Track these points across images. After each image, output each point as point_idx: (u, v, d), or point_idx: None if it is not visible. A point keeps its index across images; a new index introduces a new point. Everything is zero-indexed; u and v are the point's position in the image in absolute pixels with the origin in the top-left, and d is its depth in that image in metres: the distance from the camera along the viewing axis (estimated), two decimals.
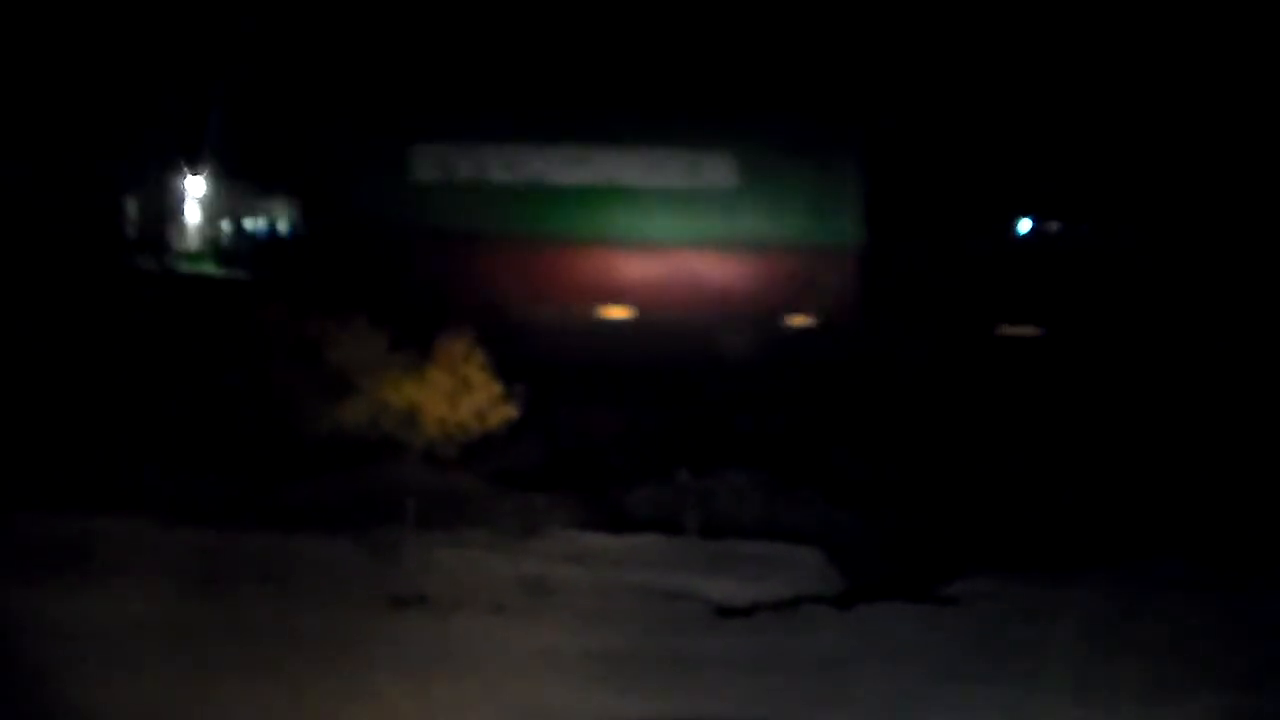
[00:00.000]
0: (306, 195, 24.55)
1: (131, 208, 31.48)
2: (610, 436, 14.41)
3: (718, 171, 22.98)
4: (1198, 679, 8.49)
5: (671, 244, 22.56)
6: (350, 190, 23.07)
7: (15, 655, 8.29)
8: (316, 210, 24.02)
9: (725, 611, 9.88)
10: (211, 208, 34.97)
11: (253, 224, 36.85)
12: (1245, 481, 12.87)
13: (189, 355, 14.70)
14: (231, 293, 23.39)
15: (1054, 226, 25.41)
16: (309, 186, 24.11)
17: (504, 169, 23.25)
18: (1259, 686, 8.45)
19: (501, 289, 21.58)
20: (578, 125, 22.98)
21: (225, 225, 35.87)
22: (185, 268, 29.89)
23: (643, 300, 22.37)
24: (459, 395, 13.23)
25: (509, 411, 13.32)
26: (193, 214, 34.61)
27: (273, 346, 13.87)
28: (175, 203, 33.95)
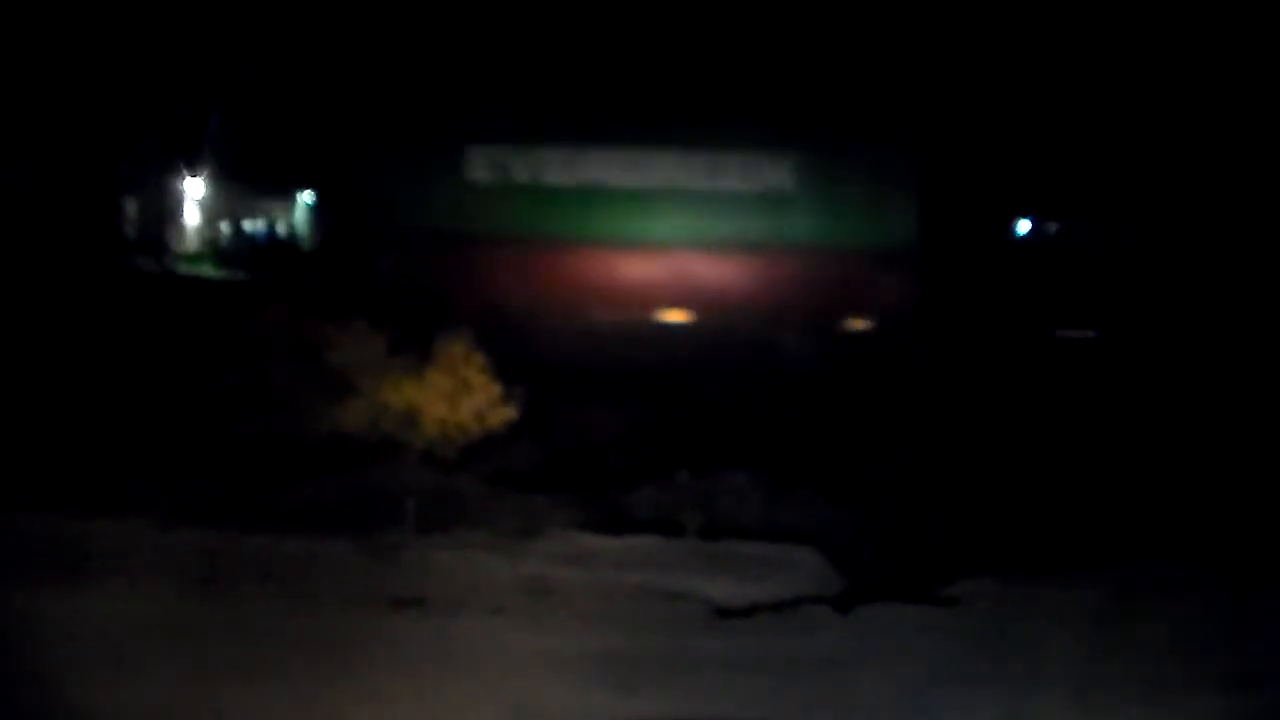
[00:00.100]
0: (346, 197, 24.23)
1: (131, 209, 31.48)
2: (610, 437, 14.39)
3: (775, 175, 22.88)
4: (1197, 679, 8.51)
5: (729, 247, 22.31)
6: (400, 192, 22.78)
7: (16, 656, 8.29)
8: (357, 213, 23.65)
9: (724, 612, 9.89)
10: (211, 209, 34.99)
11: (252, 226, 36.90)
12: (1243, 483, 12.87)
13: (188, 357, 14.71)
14: (231, 294, 23.39)
15: (1053, 227, 25.36)
16: (349, 189, 23.79)
17: (560, 171, 23.12)
18: (1258, 686, 8.47)
19: (555, 293, 21.41)
20: (635, 128, 22.76)
21: (224, 227, 35.91)
22: (184, 269, 29.89)
23: (700, 304, 22.07)
24: (459, 396, 13.21)
25: (508, 413, 13.30)
26: (192, 215, 34.62)
27: (272, 348, 13.87)
28: (174, 204, 33.95)
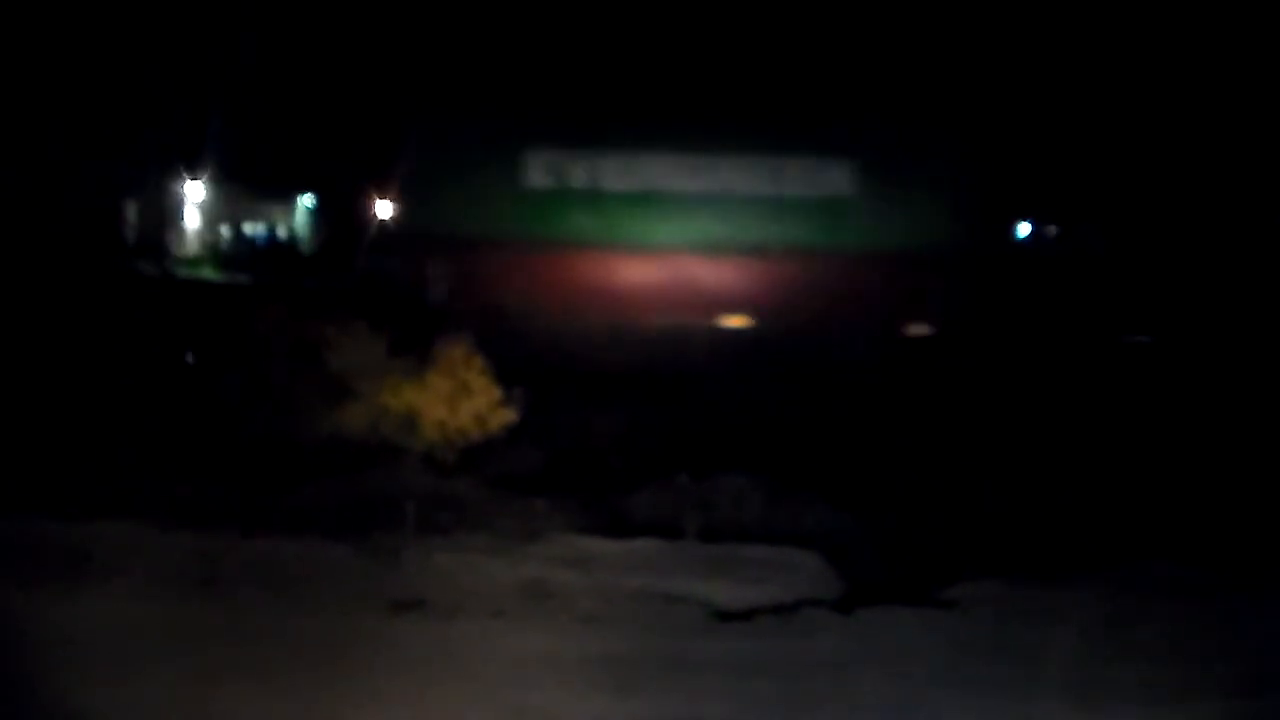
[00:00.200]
0: (397, 201, 24.03)
1: (131, 212, 31.53)
2: (610, 440, 14.38)
3: (836, 179, 22.80)
4: (1197, 682, 8.51)
5: (789, 252, 22.14)
6: (457, 197, 22.67)
7: (16, 659, 8.29)
8: (408, 216, 23.55)
9: (725, 615, 9.88)
10: (211, 212, 35.03)
11: (252, 229, 36.95)
12: (1243, 485, 12.87)
13: (188, 360, 14.72)
14: (231, 297, 23.41)
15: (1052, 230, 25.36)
16: (401, 193, 23.65)
17: (618, 177, 23.01)
18: (1258, 690, 8.47)
19: (613, 298, 21.32)
20: (694, 133, 22.61)
21: (224, 230, 35.97)
22: (184, 272, 29.93)
23: (760, 309, 21.99)
24: (459, 399, 13.19)
25: (508, 416, 13.29)
26: (192, 219, 34.66)
27: (272, 351, 13.87)
28: (174, 207, 33.99)
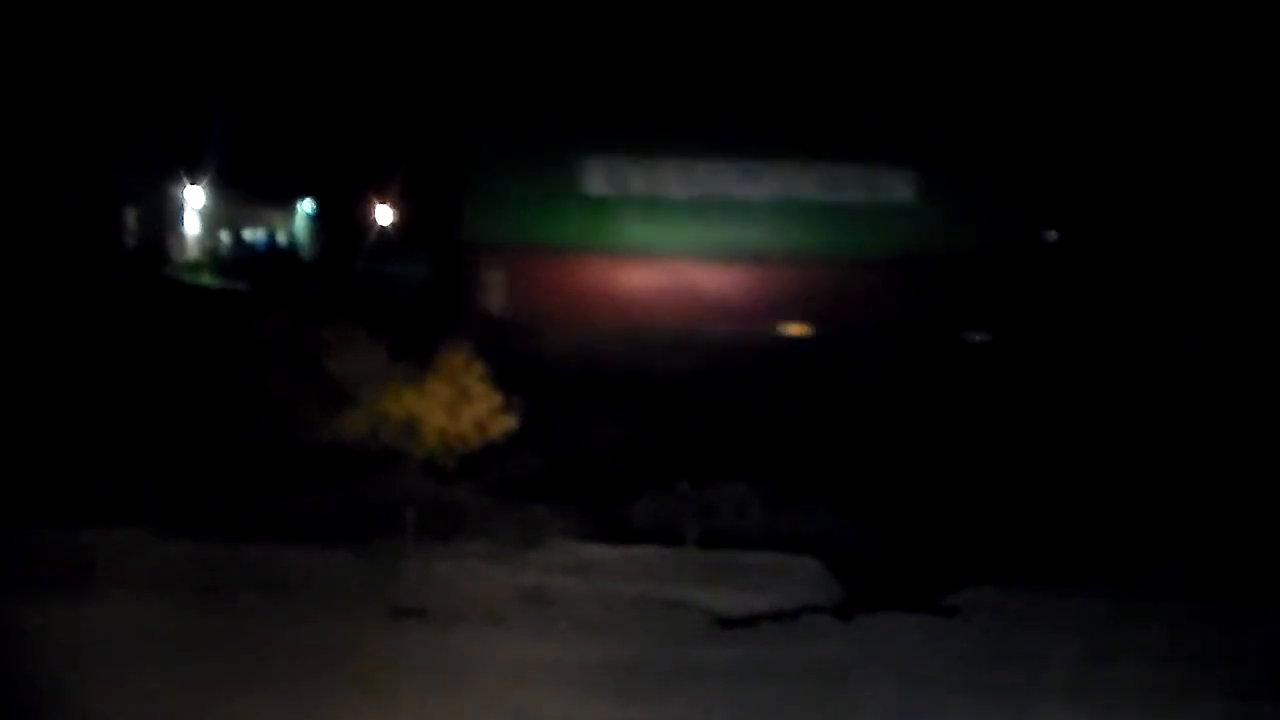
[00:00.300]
0: (449, 208, 23.90)
1: (131, 218, 31.51)
2: (610, 446, 14.38)
3: (897, 186, 22.81)
4: (1198, 686, 8.50)
5: (850, 259, 22.08)
6: (516, 204, 22.61)
7: (16, 666, 8.28)
8: (461, 223, 23.41)
9: (725, 621, 9.89)
10: (211, 218, 35.01)
11: (252, 234, 36.94)
12: (1243, 490, 12.87)
13: (188, 366, 14.71)
14: (231, 303, 23.39)
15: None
16: (454, 199, 23.53)
17: (678, 183, 22.94)
18: (1259, 694, 8.46)
19: (670, 305, 21.30)
20: (756, 139, 22.60)
21: (224, 236, 35.95)
22: (184, 278, 29.91)
23: (821, 317, 21.91)
24: (459, 406, 13.19)
25: (509, 422, 13.29)
26: (192, 224, 34.63)
27: (272, 357, 13.87)
28: (174, 213, 33.97)
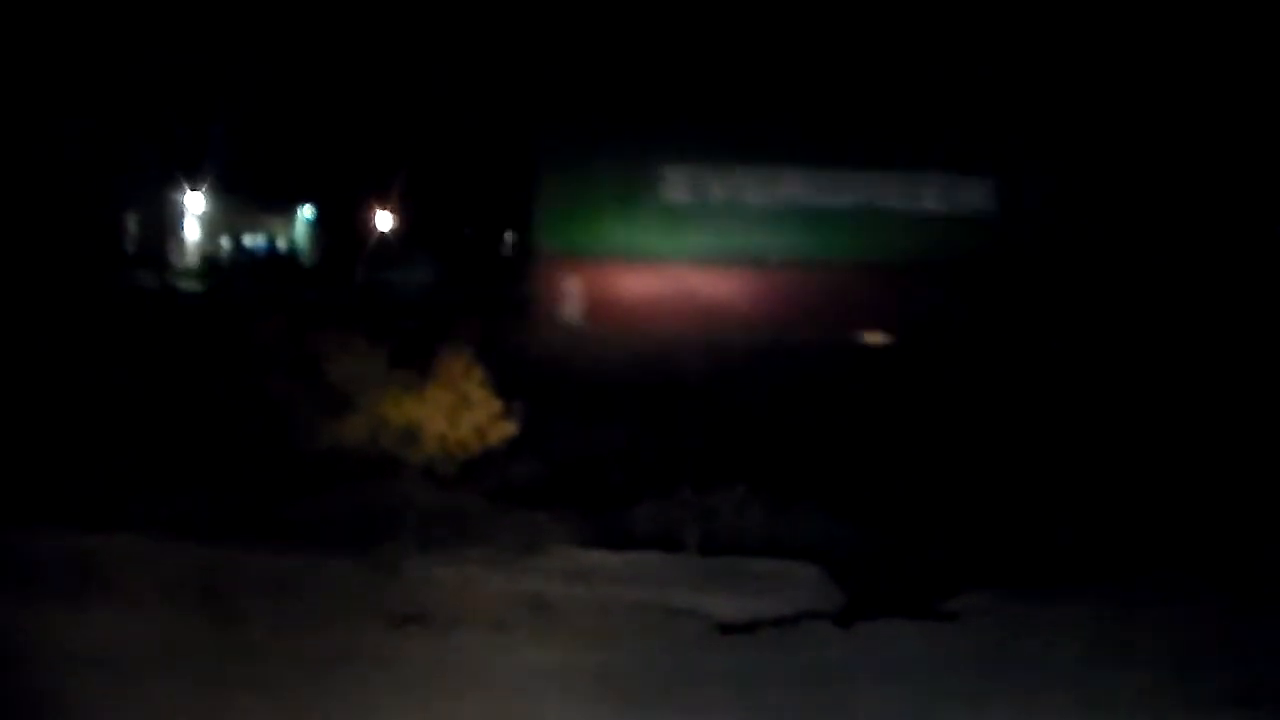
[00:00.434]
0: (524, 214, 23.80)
1: (132, 224, 31.56)
2: (611, 452, 14.37)
3: (975, 195, 22.67)
4: (1198, 693, 8.50)
5: (927, 267, 21.82)
6: (593, 210, 22.47)
7: (16, 673, 8.27)
8: (534, 230, 23.34)
9: (726, 627, 9.88)
10: (211, 224, 35.07)
11: (252, 240, 36.99)
12: (1242, 495, 12.86)
13: (188, 372, 14.71)
14: (231, 309, 23.38)
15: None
16: (531, 205, 23.45)
17: (757, 191, 22.82)
18: (1258, 699, 8.46)
19: (749, 314, 21.17)
20: (835, 147, 22.50)
21: (224, 241, 36.01)
22: (185, 284, 29.95)
23: (899, 325, 21.69)
24: (459, 412, 13.17)
25: (509, 428, 13.28)
26: (192, 230, 34.69)
27: (272, 362, 13.86)
28: (175, 219, 34.02)
